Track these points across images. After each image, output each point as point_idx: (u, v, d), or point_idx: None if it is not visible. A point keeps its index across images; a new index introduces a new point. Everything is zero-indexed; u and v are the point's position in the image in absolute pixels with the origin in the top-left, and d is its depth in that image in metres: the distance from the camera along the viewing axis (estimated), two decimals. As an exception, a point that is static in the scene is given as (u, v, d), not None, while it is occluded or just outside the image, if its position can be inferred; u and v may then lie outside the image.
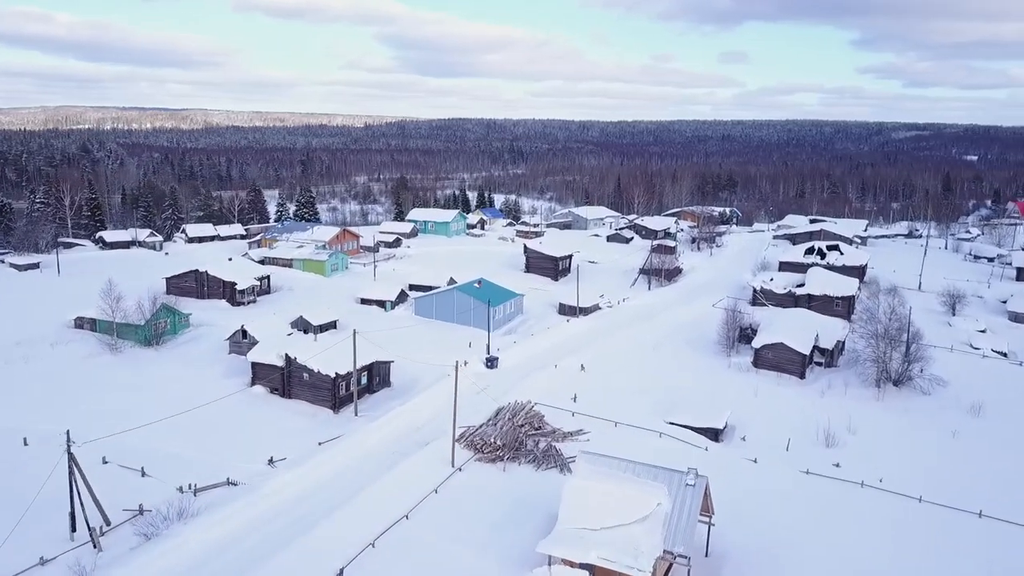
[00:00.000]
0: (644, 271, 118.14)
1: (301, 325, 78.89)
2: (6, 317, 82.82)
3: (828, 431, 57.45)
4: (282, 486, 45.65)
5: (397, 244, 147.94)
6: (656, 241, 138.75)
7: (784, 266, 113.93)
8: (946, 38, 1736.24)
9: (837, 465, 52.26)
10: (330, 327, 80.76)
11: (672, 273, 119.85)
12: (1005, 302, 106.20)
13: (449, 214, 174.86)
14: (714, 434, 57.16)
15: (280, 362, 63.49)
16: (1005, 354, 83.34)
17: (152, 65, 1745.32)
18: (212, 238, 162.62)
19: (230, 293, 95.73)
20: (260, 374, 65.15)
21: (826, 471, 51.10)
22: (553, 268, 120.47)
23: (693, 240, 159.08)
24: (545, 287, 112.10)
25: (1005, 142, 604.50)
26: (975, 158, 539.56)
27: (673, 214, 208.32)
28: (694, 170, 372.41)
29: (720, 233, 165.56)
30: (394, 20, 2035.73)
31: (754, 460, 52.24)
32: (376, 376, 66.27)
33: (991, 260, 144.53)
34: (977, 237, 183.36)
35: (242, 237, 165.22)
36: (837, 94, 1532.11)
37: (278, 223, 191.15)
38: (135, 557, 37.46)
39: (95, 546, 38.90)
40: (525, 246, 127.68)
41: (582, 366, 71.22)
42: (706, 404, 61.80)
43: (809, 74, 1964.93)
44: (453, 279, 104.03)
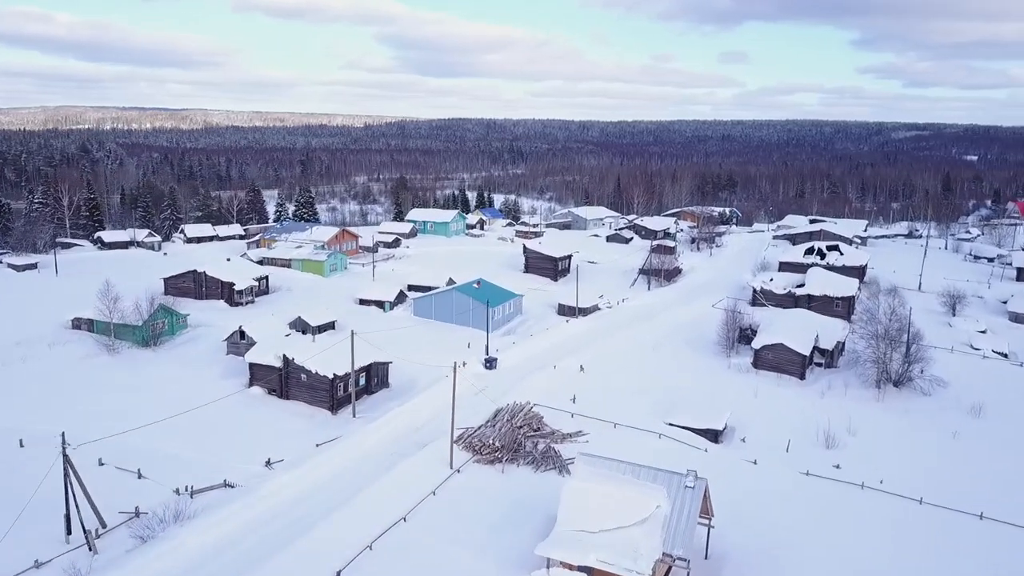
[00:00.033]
0: (644, 271, 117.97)
1: (299, 326, 78.72)
2: (4, 318, 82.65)
3: (828, 432, 57.28)
4: (279, 488, 45.44)
5: (396, 244, 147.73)
6: (656, 241, 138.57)
7: (784, 266, 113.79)
8: (946, 38, 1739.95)
9: (837, 466, 52.11)
10: (328, 328, 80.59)
11: (672, 273, 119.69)
12: (1005, 302, 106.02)
13: (448, 214, 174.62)
14: (714, 435, 56.98)
15: (278, 363, 63.33)
16: (1006, 355, 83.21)
17: (152, 65, 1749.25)
18: (211, 238, 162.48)
19: (228, 293, 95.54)
20: (258, 375, 65.00)
21: (826, 472, 50.95)
22: (552, 268, 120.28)
23: (693, 240, 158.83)
24: (544, 287, 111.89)
25: (1005, 142, 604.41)
26: (975, 158, 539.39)
27: (673, 214, 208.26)
28: (694, 170, 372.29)
29: (720, 233, 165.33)
30: (394, 20, 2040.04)
31: (754, 461, 52.06)
32: (374, 377, 66.08)
33: (991, 260, 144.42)
34: (977, 237, 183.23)
35: (241, 237, 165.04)
36: (837, 94, 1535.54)
37: (277, 223, 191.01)
38: (131, 560, 37.24)
39: (90, 549, 38.69)
40: (524, 246, 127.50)
41: (581, 367, 71.01)
42: (706, 405, 61.60)
43: (809, 74, 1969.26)
44: (452, 279, 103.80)
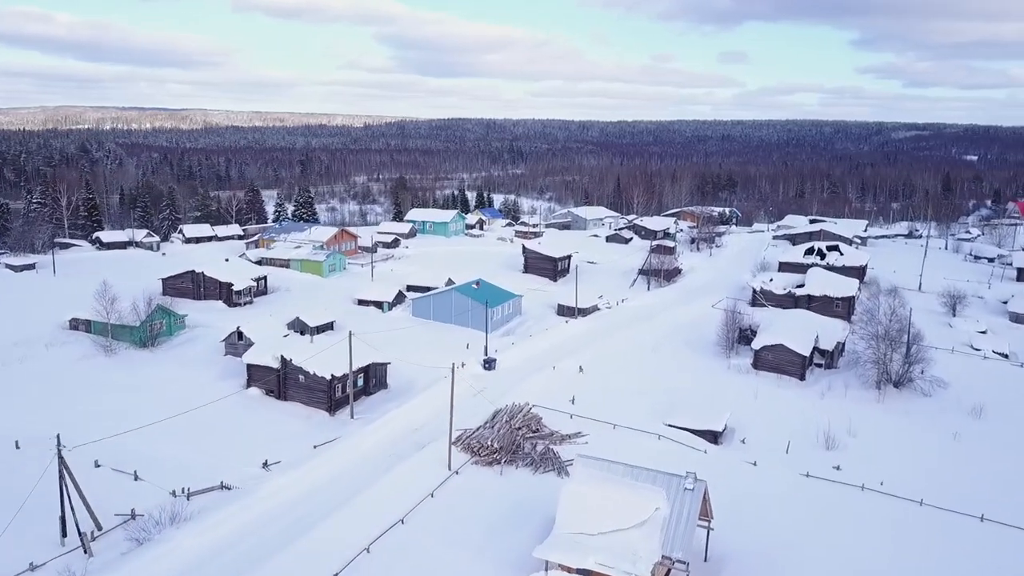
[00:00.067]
0: (643, 272, 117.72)
1: (297, 326, 78.50)
2: (2, 318, 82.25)
3: (828, 433, 57.04)
4: (277, 490, 45.23)
5: (395, 244, 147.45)
6: (655, 241, 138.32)
7: (784, 267, 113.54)
8: (946, 38, 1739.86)
9: (837, 468, 51.90)
10: (327, 328, 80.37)
11: (671, 274, 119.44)
12: (1006, 303, 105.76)
13: (448, 214, 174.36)
14: (713, 436, 56.75)
15: (276, 364, 63.07)
16: (1006, 355, 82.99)
17: (152, 65, 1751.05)
18: (209, 238, 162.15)
19: (226, 294, 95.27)
20: (256, 376, 64.74)
21: (826, 474, 50.73)
22: (552, 269, 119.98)
23: (692, 240, 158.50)
24: (544, 288, 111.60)
25: (1005, 142, 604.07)
26: (975, 158, 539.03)
27: (672, 214, 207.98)
28: (694, 170, 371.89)
29: (720, 233, 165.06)
30: (394, 20, 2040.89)
31: (753, 463, 51.84)
32: (373, 378, 65.83)
33: (991, 260, 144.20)
34: (977, 237, 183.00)
35: (239, 237, 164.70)
36: (837, 94, 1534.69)
37: (276, 223, 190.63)
38: (126, 563, 37.04)
39: (86, 551, 38.44)
40: (524, 246, 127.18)
41: (580, 368, 70.79)
42: (705, 406, 61.37)
43: (809, 74, 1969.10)
44: (451, 280, 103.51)
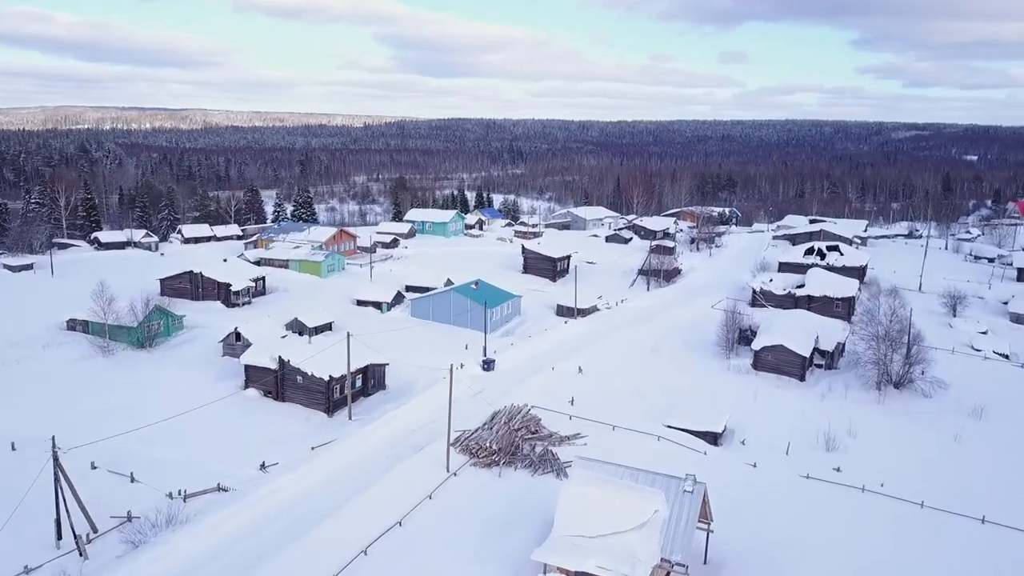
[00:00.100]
0: (643, 272, 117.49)
1: (296, 327, 78.26)
2: (0, 319, 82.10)
3: (828, 434, 56.81)
4: (274, 492, 44.96)
5: (394, 245, 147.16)
6: (655, 242, 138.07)
7: (784, 267, 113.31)
8: (946, 38, 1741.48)
9: (838, 469, 51.67)
10: (325, 329, 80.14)
11: (671, 274, 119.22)
12: (1006, 303, 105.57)
13: (447, 214, 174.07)
14: (713, 438, 56.51)
15: (274, 365, 62.85)
16: (1007, 356, 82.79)
17: (152, 65, 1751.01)
18: (208, 239, 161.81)
19: (225, 294, 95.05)
20: (253, 377, 64.52)
21: (826, 475, 50.47)
22: (551, 269, 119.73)
23: (692, 241, 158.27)
24: (543, 288, 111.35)
25: (1005, 142, 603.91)
26: (975, 158, 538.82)
27: (672, 214, 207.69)
28: (693, 170, 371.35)
29: (719, 233, 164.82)
30: (394, 20, 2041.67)
31: (753, 464, 51.57)
32: (371, 379, 65.62)
33: (991, 261, 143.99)
34: (977, 237, 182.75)
35: (238, 238, 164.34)
36: (837, 94, 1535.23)
37: (275, 223, 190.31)
38: (122, 565, 36.80)
39: (81, 554, 38.23)
40: (523, 247, 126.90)
41: (580, 368, 70.55)
42: (705, 407, 61.13)
43: (809, 74, 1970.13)
44: (450, 280, 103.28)
